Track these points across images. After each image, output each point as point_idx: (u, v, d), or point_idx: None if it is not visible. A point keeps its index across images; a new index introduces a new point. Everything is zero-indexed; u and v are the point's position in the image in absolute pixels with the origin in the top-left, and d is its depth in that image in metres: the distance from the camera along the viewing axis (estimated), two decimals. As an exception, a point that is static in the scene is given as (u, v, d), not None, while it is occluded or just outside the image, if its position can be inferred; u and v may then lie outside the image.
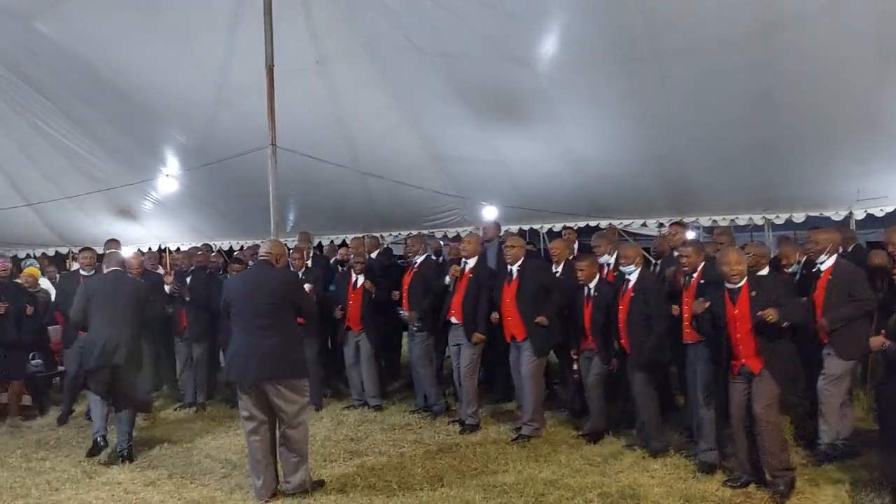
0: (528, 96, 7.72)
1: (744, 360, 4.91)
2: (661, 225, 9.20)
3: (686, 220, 9.01)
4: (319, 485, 5.21)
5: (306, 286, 6.31)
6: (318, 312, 6.54)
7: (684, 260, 5.64)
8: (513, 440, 6.25)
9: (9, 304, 7.39)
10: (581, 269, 6.28)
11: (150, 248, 12.18)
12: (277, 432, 5.11)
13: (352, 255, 8.02)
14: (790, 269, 6.51)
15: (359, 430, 6.72)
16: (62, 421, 7.36)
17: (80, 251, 8.01)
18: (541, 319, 6.27)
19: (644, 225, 9.56)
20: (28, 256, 10.68)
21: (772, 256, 6.64)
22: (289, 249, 6.98)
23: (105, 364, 5.94)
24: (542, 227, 10.22)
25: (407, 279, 7.43)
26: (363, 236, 10.02)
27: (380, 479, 5.35)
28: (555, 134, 8.19)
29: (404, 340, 8.94)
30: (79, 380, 7.38)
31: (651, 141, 7.90)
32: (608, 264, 6.83)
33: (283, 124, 7.79)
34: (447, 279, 6.89)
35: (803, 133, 7.29)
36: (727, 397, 5.09)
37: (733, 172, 8.15)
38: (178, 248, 12.07)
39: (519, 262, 6.49)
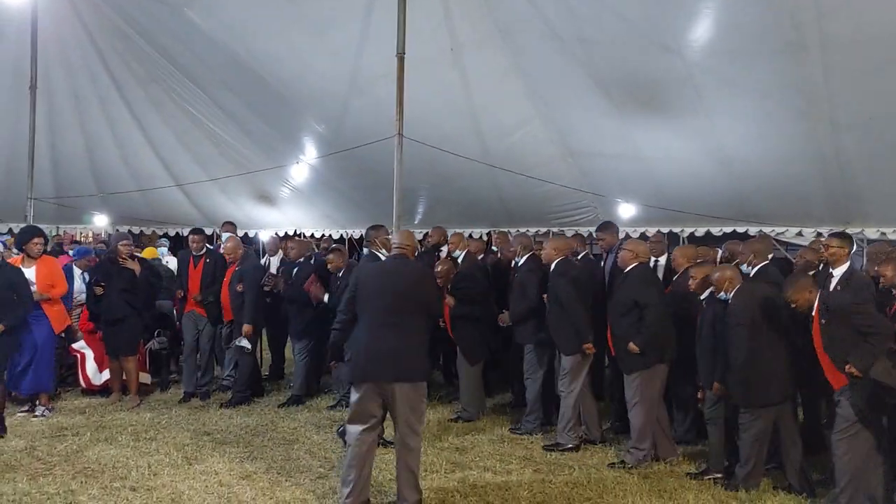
0: (674, 87, 7.08)
1: None
2: (819, 235, 8.20)
3: (850, 230, 7.98)
4: None
5: None
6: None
7: None
8: (609, 465, 5.76)
9: (114, 281, 7.39)
10: (694, 277, 5.62)
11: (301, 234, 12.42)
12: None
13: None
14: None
15: (465, 439, 6.35)
16: (186, 399, 7.45)
17: (189, 232, 8.22)
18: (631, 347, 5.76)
19: (800, 234, 8.56)
20: (165, 235, 11.43)
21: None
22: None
23: None
24: (682, 231, 9.44)
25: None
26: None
27: (481, 499, 5.00)
28: (703, 129, 7.48)
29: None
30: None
31: (813, 140, 7.04)
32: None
33: (413, 114, 7.59)
34: None
35: None
36: None
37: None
38: (312, 235, 12.41)
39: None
